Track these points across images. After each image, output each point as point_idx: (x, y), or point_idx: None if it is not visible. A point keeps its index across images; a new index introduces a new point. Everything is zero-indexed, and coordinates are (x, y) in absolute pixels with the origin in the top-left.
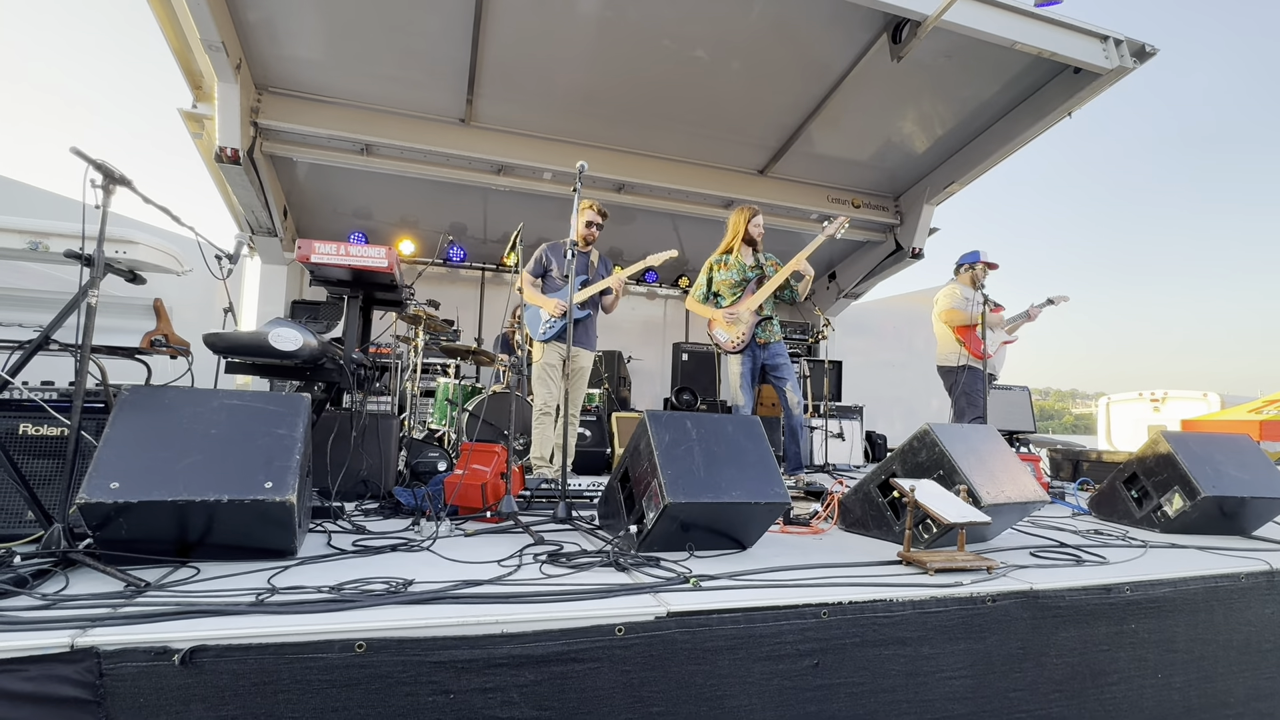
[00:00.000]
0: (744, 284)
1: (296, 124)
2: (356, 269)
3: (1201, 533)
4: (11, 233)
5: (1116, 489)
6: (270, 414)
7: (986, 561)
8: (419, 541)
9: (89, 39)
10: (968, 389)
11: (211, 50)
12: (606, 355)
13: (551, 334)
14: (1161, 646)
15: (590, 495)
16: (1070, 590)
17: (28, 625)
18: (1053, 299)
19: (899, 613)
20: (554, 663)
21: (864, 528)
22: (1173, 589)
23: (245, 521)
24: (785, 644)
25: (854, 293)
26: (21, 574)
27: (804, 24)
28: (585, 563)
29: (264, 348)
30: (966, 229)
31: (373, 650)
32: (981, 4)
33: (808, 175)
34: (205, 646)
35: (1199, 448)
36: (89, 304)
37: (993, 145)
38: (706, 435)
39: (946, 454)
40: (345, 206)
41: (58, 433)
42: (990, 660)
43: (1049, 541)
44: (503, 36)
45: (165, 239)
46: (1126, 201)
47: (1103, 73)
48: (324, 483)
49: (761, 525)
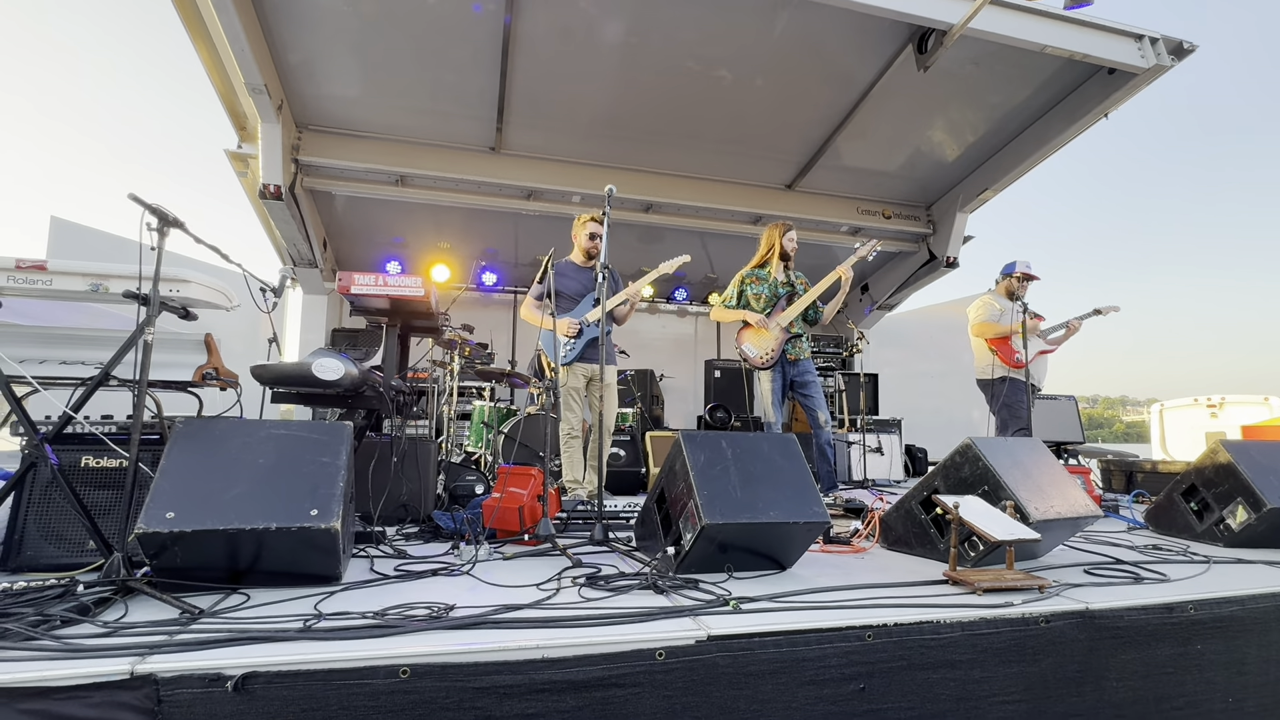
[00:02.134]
0: (775, 300)
1: (335, 159)
2: (394, 299)
3: (1269, 546)
4: (74, 275)
5: (1175, 501)
6: (315, 443)
7: (1038, 580)
8: (459, 566)
9: (143, 88)
10: (1009, 400)
11: (255, 93)
12: (639, 374)
13: (573, 356)
14: (1231, 669)
15: (626, 516)
16: (1129, 610)
17: (90, 653)
18: (1100, 309)
19: (947, 635)
20: (595, 688)
21: (907, 546)
22: (1240, 607)
23: (292, 548)
24: (829, 668)
25: (888, 304)
26: (84, 602)
27: (827, 39)
28: (623, 585)
29: (308, 378)
30: (1004, 234)
31: (416, 676)
32: (1008, 9)
33: (837, 188)
34: (256, 673)
35: (1262, 457)
36: (146, 341)
37: (1027, 150)
38: (742, 454)
39: (991, 468)
40: (382, 235)
41: (117, 464)
42: (1046, 683)
43: (1104, 558)
44: (529, 66)
45: (213, 274)
46: (1165, 196)
47: (1139, 72)
48: (366, 507)
49: (801, 545)
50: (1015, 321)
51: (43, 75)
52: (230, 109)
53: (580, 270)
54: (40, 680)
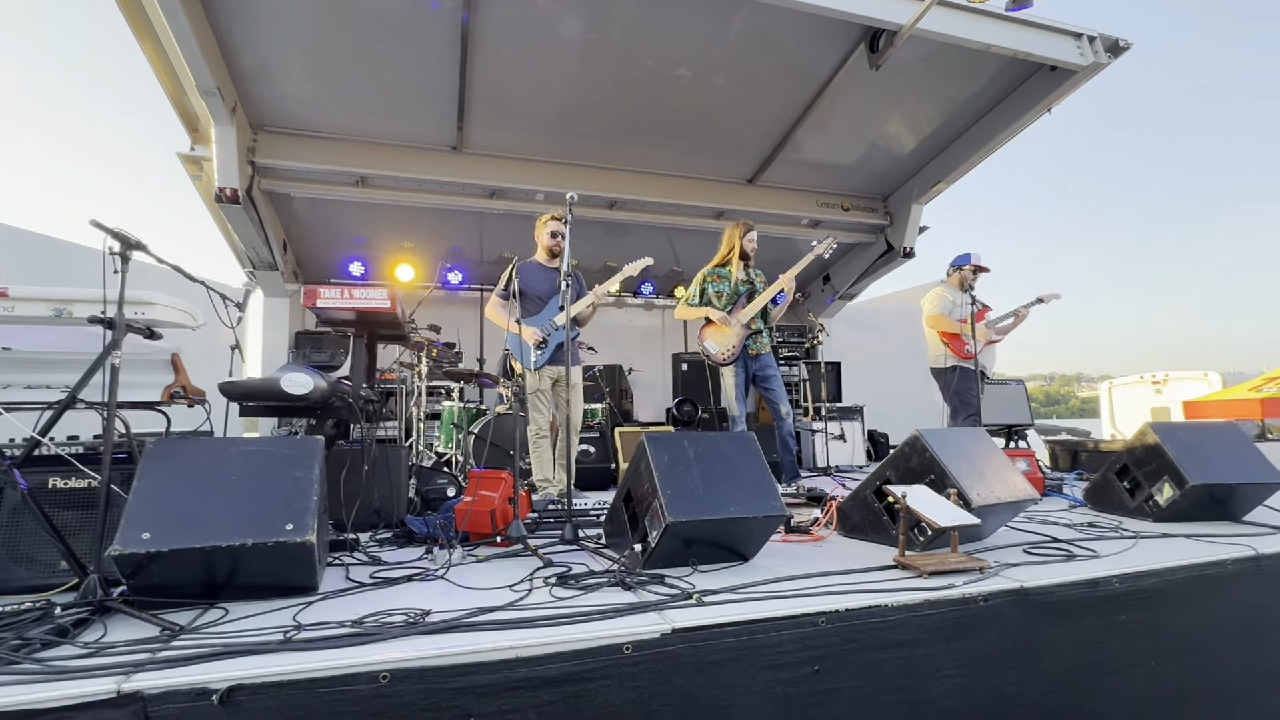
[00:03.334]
0: (736, 298)
1: (292, 161)
2: (361, 310)
3: (1193, 520)
4: (38, 301)
5: (1110, 480)
6: (287, 458)
7: (979, 562)
8: (434, 570)
9: (88, 87)
10: (959, 389)
11: (208, 96)
12: (607, 369)
13: (543, 362)
14: (1152, 636)
15: (596, 513)
16: (1060, 586)
17: (75, 674)
18: (1042, 297)
19: (894, 617)
20: (567, 683)
21: (862, 533)
22: (1160, 579)
23: (269, 562)
24: (786, 653)
25: (849, 294)
26: (62, 624)
27: (783, 38)
28: (593, 584)
29: (277, 393)
30: (959, 224)
31: (396, 680)
32: (954, 10)
33: (796, 182)
34: (241, 685)
35: (1187, 437)
36: (113, 364)
37: (976, 143)
38: (704, 454)
39: (936, 459)
40: (343, 236)
41: (85, 485)
42: (985, 657)
43: (1043, 538)
44: (489, 63)
45: (170, 289)
46: (1119, 185)
47: (1078, 69)
48: (339, 515)
49: (761, 537)
50: (966, 315)
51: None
52: (181, 110)
53: (544, 270)
54: (27, 704)
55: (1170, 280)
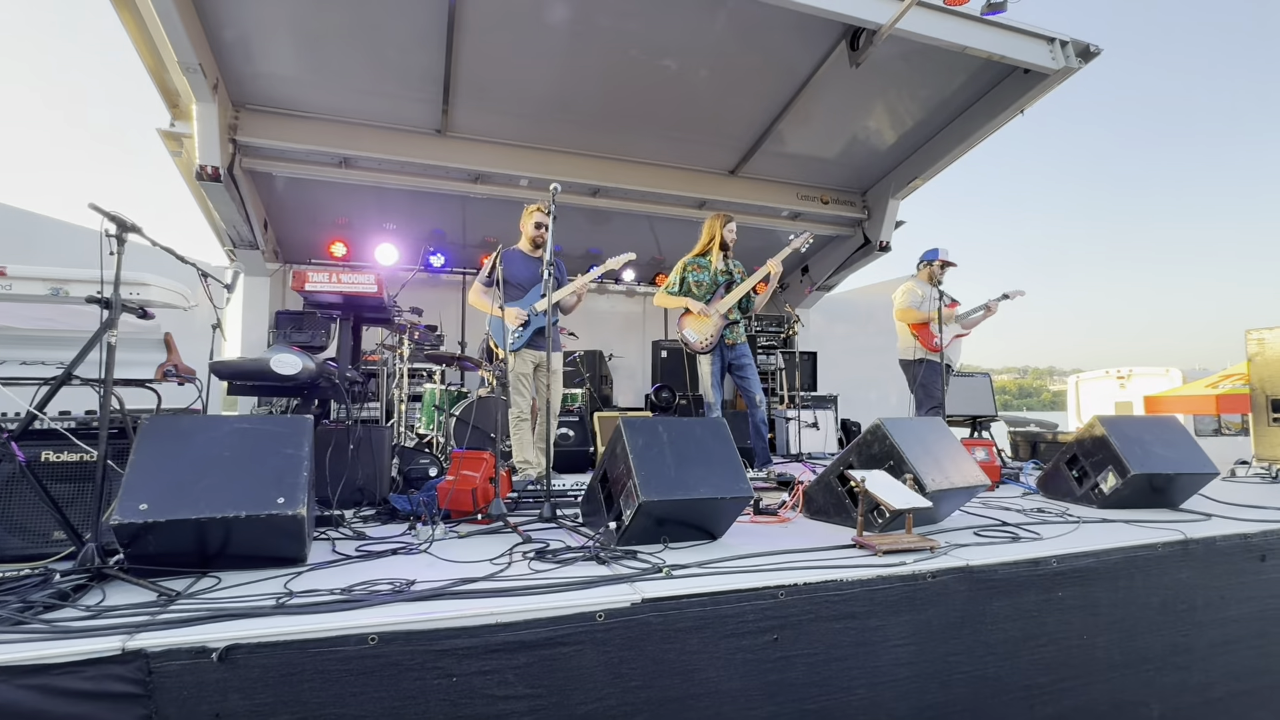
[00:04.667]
0: (715, 288)
1: (274, 140)
2: (348, 295)
3: (1134, 507)
4: (34, 280)
5: (1060, 469)
6: (278, 435)
7: (929, 542)
8: (417, 545)
9: (66, 58)
10: (924, 381)
11: (189, 72)
12: (588, 355)
13: (520, 343)
14: (1086, 611)
15: (574, 495)
16: (1003, 565)
17: (81, 633)
18: (1009, 293)
19: (848, 591)
20: (543, 647)
21: (826, 515)
22: (1095, 559)
23: (260, 534)
24: (747, 622)
25: (826, 285)
26: (62, 589)
27: (766, 33)
28: (569, 558)
29: (266, 373)
30: (934, 220)
31: (383, 642)
32: (932, 11)
33: (777, 174)
34: (238, 645)
35: (1130, 429)
36: (109, 343)
37: (952, 141)
38: (677, 438)
39: (896, 446)
40: (325, 216)
41: (77, 458)
42: (931, 629)
43: (993, 521)
44: (475, 47)
45: (159, 269)
46: (1102, 189)
47: (1050, 73)
48: (324, 492)
49: (729, 517)
50: (932, 309)
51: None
52: (161, 86)
53: (528, 259)
54: (37, 659)
55: (1146, 276)
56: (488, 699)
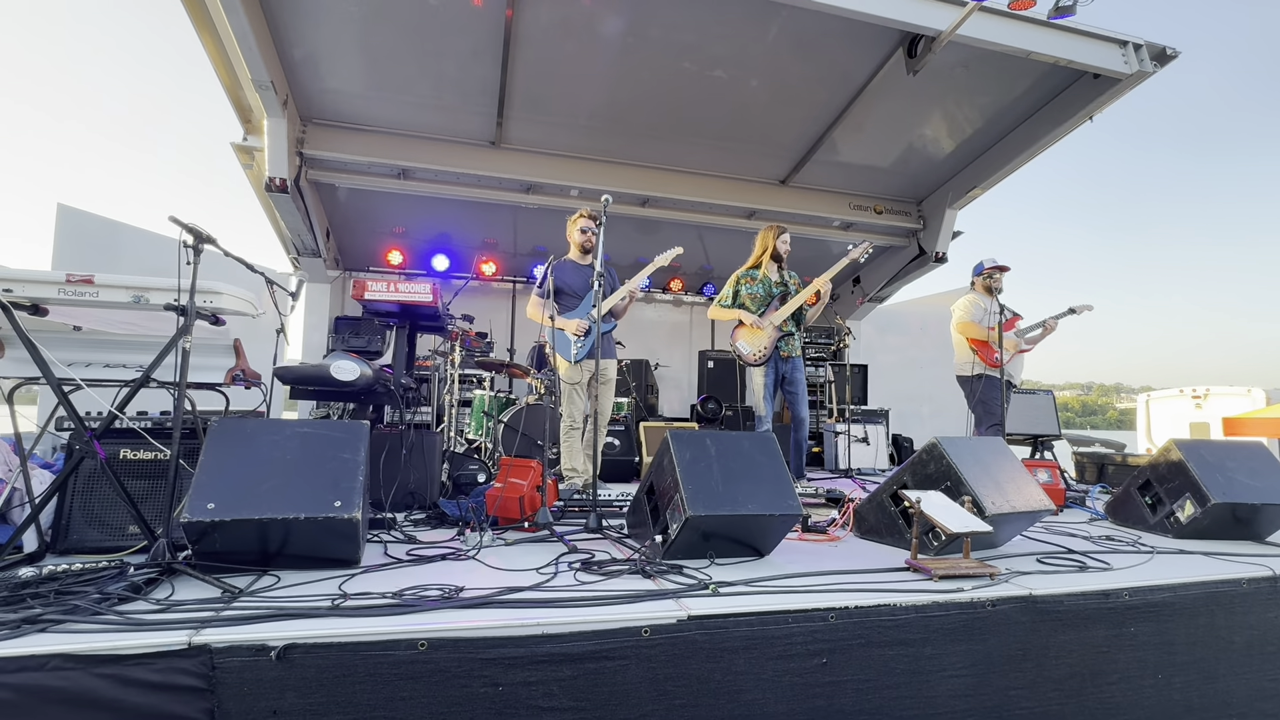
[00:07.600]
0: (769, 299)
1: (338, 153)
2: (405, 304)
3: (1214, 538)
4: (118, 288)
5: (1132, 495)
6: (336, 439)
7: (989, 569)
8: (466, 550)
9: (149, 80)
10: (984, 398)
11: (261, 89)
12: (634, 364)
13: (583, 354)
14: (1161, 649)
15: (619, 504)
16: (1069, 595)
17: (151, 626)
18: (1074, 308)
19: (902, 616)
20: (588, 660)
21: (878, 535)
22: (1172, 594)
23: (317, 535)
24: (796, 644)
25: (879, 296)
26: (136, 581)
27: (820, 41)
28: (615, 570)
29: (326, 379)
30: (992, 230)
31: (433, 648)
32: (995, 16)
33: (829, 183)
34: (295, 645)
35: (1210, 455)
36: (184, 348)
37: (1014, 150)
38: (724, 452)
39: (953, 466)
40: (383, 226)
41: (151, 456)
42: (990, 660)
43: (1057, 548)
44: (530, 60)
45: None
46: (1166, 195)
47: (1122, 78)
48: (377, 494)
49: (777, 534)
50: (995, 323)
51: (49, 67)
52: (236, 102)
53: (579, 267)
54: (112, 649)
55: (1218, 293)
56: (532, 709)
